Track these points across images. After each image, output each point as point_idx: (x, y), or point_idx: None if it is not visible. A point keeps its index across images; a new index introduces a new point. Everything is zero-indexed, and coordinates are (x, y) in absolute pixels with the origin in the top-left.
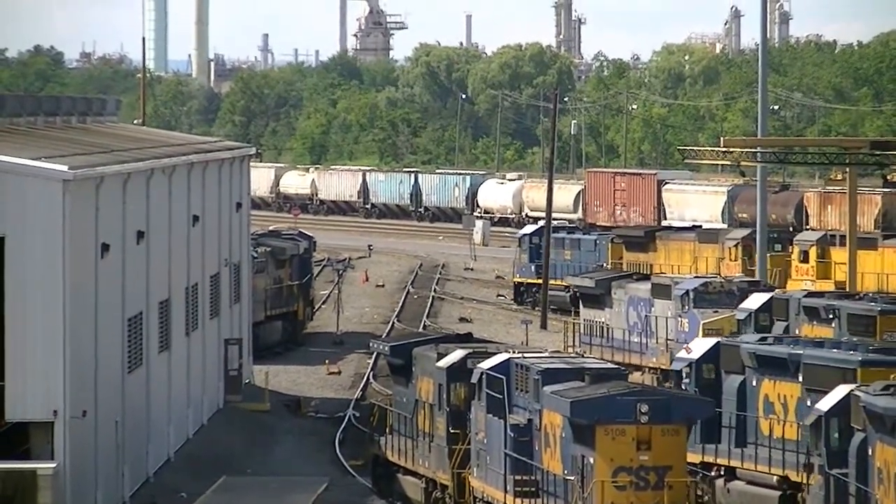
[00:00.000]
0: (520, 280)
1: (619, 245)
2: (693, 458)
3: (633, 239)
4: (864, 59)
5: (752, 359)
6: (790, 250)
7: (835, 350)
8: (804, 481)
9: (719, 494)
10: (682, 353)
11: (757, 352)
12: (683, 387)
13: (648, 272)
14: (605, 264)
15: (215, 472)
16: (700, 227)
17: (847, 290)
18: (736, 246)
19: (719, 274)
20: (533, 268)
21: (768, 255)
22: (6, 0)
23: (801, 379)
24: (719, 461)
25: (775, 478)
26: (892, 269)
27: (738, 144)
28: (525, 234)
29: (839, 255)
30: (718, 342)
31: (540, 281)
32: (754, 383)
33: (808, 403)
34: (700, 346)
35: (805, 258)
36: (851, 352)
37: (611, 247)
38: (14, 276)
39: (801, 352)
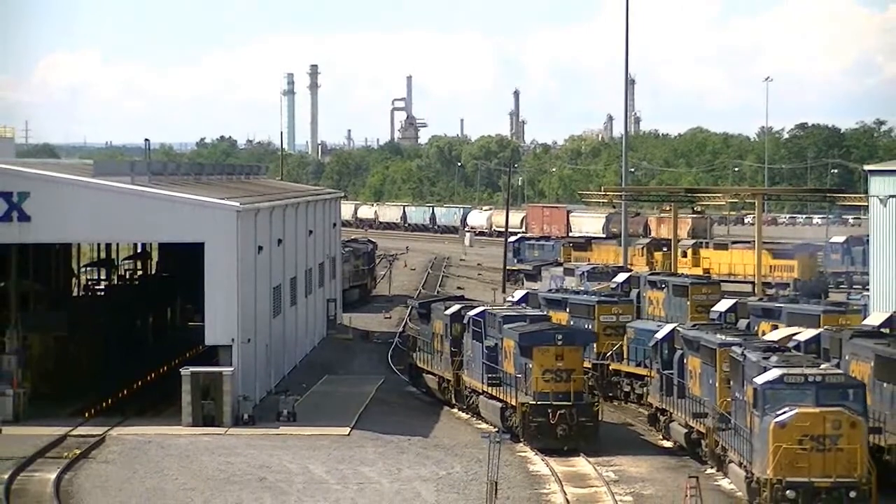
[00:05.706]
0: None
1: (568, 247)
2: None
3: (577, 244)
4: (681, 143)
5: (544, 300)
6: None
7: (584, 295)
8: (649, 374)
9: None
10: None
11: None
12: None
13: (588, 263)
14: (559, 259)
15: (322, 373)
16: (617, 236)
17: (674, 271)
18: (641, 248)
19: (631, 265)
20: (515, 260)
21: (661, 252)
22: (203, 109)
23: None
24: None
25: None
26: (738, 261)
27: (612, 191)
28: (510, 241)
29: (705, 253)
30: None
31: (519, 266)
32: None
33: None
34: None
35: (685, 255)
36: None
37: (563, 249)
38: (210, 264)
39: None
